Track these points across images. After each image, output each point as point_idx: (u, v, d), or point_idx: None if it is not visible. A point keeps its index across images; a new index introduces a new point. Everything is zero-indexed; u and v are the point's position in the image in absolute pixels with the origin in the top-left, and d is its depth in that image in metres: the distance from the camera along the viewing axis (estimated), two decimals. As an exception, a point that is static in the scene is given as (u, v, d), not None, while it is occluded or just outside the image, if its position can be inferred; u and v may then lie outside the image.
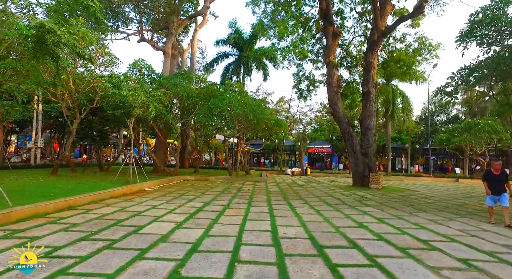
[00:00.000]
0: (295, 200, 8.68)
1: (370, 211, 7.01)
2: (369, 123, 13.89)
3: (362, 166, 13.45)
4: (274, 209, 6.93)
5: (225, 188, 11.61)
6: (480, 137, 19.57)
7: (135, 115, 11.53)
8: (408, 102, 23.17)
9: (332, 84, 14.22)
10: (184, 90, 14.66)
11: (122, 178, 11.32)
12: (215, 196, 8.91)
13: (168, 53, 19.35)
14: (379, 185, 12.83)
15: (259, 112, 14.54)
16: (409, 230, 5.12)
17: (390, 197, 10.02)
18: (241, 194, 9.59)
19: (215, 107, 13.66)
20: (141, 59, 15.12)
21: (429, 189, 14.17)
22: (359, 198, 9.49)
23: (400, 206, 7.97)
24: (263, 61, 24.97)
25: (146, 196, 8.39)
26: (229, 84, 16.39)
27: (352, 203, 8.36)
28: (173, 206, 6.84)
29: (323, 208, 7.32)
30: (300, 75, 17.22)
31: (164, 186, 11.51)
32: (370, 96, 13.97)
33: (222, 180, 15.55)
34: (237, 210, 6.58)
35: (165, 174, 16.43)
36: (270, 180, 16.89)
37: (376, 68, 14.38)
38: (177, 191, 9.91)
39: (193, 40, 27.75)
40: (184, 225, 5.03)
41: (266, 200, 8.45)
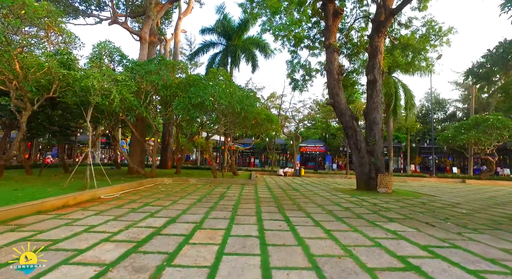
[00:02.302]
0: (293, 212, 6.63)
1: (402, 231, 5.00)
2: (375, 116, 11.97)
3: (368, 166, 11.51)
4: (266, 229, 4.85)
5: (206, 193, 9.48)
6: (489, 134, 17.94)
7: (93, 104, 9.29)
8: (411, 96, 21.41)
9: (333, 70, 12.23)
10: (159, 78, 12.47)
11: (80, 182, 9.12)
12: (188, 207, 6.78)
13: (145, 39, 17.03)
14: (389, 188, 10.91)
15: (248, 103, 12.44)
16: (491, 276, 3.13)
17: (409, 206, 8.08)
18: (223, 203, 7.49)
19: (195, 97, 11.51)
20: (109, 41, 12.84)
21: (445, 193, 12.34)
22: (373, 207, 7.51)
23: (435, 221, 5.99)
24: (253, 51, 22.84)
25: (94, 208, 6.20)
26: (213, 72, 14.22)
27: (368, 215, 6.36)
28: (119, 227, 4.69)
29: (334, 226, 5.28)
30: (294, 63, 15.19)
31: (129, 191, 9.29)
32: (376, 85, 12.05)
33: (205, 182, 13.40)
34: (211, 233, 4.48)
35: (140, 176, 14.22)
36: (260, 182, 14.83)
37: (383, 54, 12.46)
38: (142, 199, 7.73)
39: (177, 29, 25.50)
40: (111, 273, 2.90)
41: (255, 212, 6.37)
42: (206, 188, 11.35)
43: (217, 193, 9.62)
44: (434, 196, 10.65)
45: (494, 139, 18.14)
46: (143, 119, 15.54)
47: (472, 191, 13.68)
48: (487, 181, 19.03)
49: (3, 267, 2.96)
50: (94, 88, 8.79)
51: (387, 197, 9.76)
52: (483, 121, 18.45)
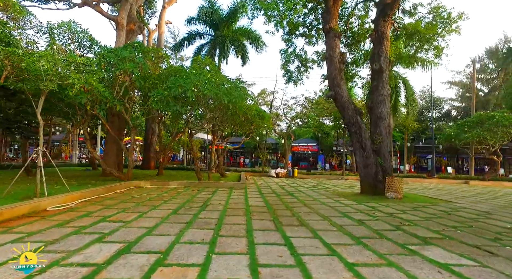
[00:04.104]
0: (294, 229, 5.08)
1: (456, 265, 3.47)
2: (381, 110, 10.55)
3: (375, 167, 10.08)
4: (261, 264, 3.28)
5: (186, 201, 7.87)
6: (495, 131, 16.84)
7: (45, 92, 7.54)
8: (412, 92, 20.18)
9: (334, 58, 10.75)
10: (135, 66, 10.75)
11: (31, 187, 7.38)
12: (158, 223, 5.16)
13: (122, 25, 15.22)
14: (399, 193, 9.49)
15: (237, 95, 10.85)
16: None
17: (433, 217, 6.65)
18: (204, 216, 5.89)
19: (175, 87, 9.85)
20: (75, 22, 11.06)
21: (458, 197, 11.05)
22: (391, 220, 6.04)
23: (486, 243, 4.47)
24: (243, 43, 21.20)
25: (22, 229, 4.50)
26: (198, 61, 12.56)
27: (392, 234, 4.87)
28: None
29: (356, 254, 3.75)
30: (288, 52, 13.66)
31: (91, 200, 7.58)
32: (382, 75, 10.64)
33: (188, 186, 11.76)
34: (178, 274, 2.90)
35: (115, 178, 12.49)
36: (251, 185, 13.27)
37: (389, 40, 11.06)
38: (101, 212, 6.06)
39: (161, 20, 23.71)
40: None
41: (245, 231, 4.80)
42: (188, 193, 9.72)
43: (199, 200, 8.01)
44: (451, 202, 9.28)
45: (500, 137, 17.07)
46: (121, 114, 13.81)
47: (485, 194, 12.50)
48: (491, 182, 17.97)
49: None
50: (45, 71, 7.06)
51: (400, 204, 8.34)
52: (487, 118, 17.38)
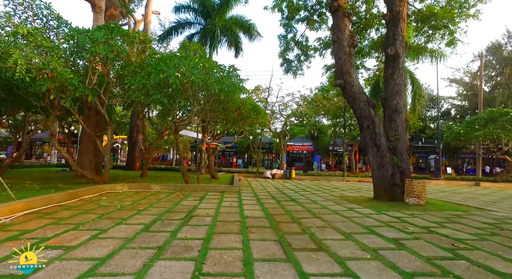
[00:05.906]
0: (311, 256, 3.52)
1: None
2: (397, 102, 9.12)
3: (391, 168, 8.61)
4: None
5: (165, 211, 6.24)
6: (509, 129, 15.62)
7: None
8: (419, 86, 18.91)
9: (343, 41, 9.26)
10: (109, 49, 9.05)
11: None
12: (115, 249, 3.54)
13: (100, 8, 13.47)
14: (421, 199, 8.03)
15: (229, 84, 9.25)
16: None
17: (485, 233, 5.18)
18: (185, 236, 4.29)
19: (155, 72, 8.21)
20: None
21: (481, 201, 9.69)
22: (437, 240, 4.54)
23: None
24: (236, 33, 19.60)
25: None
26: (185, 46, 10.93)
27: (451, 264, 3.36)
28: None
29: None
30: (288, 38, 12.13)
31: (41, 210, 5.88)
32: (399, 61, 9.20)
33: (172, 190, 10.13)
34: None
35: (89, 181, 10.81)
36: (245, 188, 11.71)
37: (406, 21, 9.61)
38: (42, 230, 4.40)
39: (147, 8, 21.98)
40: None
41: (241, 262, 3.21)
42: (171, 199, 8.09)
43: (182, 210, 6.41)
44: (485, 210, 7.86)
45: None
46: (95, 108, 12.07)
47: (507, 197, 11.19)
48: (503, 184, 16.78)
49: None
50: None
51: (428, 213, 6.87)
52: (500, 115, 16.17)
